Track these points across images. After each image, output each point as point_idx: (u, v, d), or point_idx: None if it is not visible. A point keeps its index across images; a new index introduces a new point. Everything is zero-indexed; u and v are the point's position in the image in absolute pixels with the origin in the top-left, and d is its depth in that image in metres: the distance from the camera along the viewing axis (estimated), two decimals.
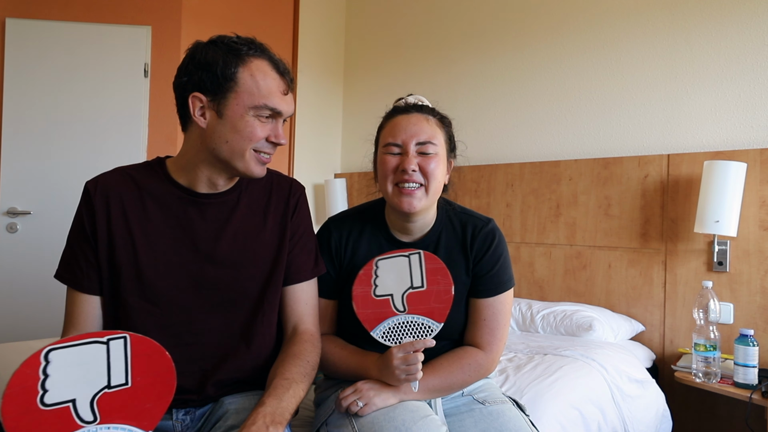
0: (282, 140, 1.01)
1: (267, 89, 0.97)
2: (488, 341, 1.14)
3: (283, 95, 0.99)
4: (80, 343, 0.72)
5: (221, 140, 0.98)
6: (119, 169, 1.07)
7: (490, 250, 1.16)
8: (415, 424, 0.95)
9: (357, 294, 1.05)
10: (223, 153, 0.99)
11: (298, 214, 1.13)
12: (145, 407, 0.75)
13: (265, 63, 0.98)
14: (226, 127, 0.97)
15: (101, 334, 0.74)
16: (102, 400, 0.73)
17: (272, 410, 0.88)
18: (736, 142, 2.15)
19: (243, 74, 0.96)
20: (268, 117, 0.99)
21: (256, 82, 0.96)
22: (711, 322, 1.79)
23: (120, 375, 0.73)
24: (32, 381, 0.69)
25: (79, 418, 0.71)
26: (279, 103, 0.99)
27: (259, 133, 0.98)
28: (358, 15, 3.67)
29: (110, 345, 0.74)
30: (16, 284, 2.73)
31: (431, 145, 1.10)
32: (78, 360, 0.72)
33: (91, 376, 0.72)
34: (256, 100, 0.96)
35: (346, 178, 3.50)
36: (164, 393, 0.75)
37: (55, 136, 2.77)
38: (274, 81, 0.98)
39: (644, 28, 2.40)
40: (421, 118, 1.13)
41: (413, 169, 1.08)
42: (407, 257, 1.05)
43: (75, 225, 1.03)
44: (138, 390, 0.74)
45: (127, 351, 0.74)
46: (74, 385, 0.71)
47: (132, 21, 2.85)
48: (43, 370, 0.70)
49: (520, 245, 2.67)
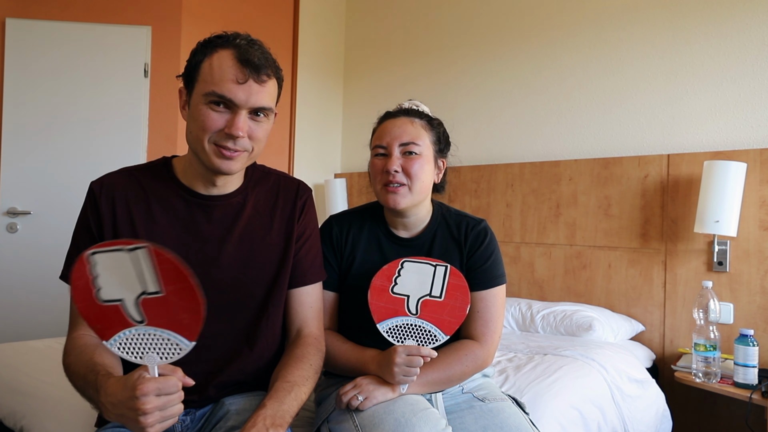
0: (236, 132, 0.93)
1: (219, 76, 0.93)
2: (483, 333, 1.18)
3: (236, 83, 0.92)
4: (112, 249, 0.78)
5: (188, 132, 0.98)
6: (124, 170, 1.06)
7: (482, 246, 1.21)
8: (415, 416, 0.97)
9: (375, 285, 1.09)
10: (191, 146, 0.99)
11: (305, 217, 1.12)
12: (182, 318, 0.79)
13: (228, 52, 0.94)
14: (190, 119, 0.97)
15: (128, 243, 0.78)
16: (144, 304, 0.79)
17: (273, 413, 0.88)
18: (736, 142, 2.15)
19: (205, 64, 0.95)
20: (221, 106, 0.93)
21: (212, 69, 0.93)
22: (711, 322, 1.79)
23: (153, 283, 0.78)
24: (86, 278, 0.78)
25: (131, 317, 0.79)
26: (230, 90, 0.92)
27: (210, 123, 0.93)
28: (358, 15, 3.67)
29: (136, 254, 0.78)
30: (16, 284, 2.73)
31: (414, 146, 1.17)
32: (115, 264, 0.78)
33: (129, 280, 0.78)
34: (206, 87, 0.93)
35: (346, 178, 3.50)
36: (193, 305, 0.78)
37: (55, 136, 2.78)
38: (230, 69, 0.93)
39: (644, 28, 2.40)
40: (406, 121, 1.19)
41: (395, 169, 1.15)
42: (434, 267, 1.10)
43: (80, 225, 1.02)
44: (170, 299, 0.78)
45: (152, 260, 0.78)
46: (119, 286, 0.78)
47: (132, 21, 2.85)
48: (91, 270, 0.78)
49: (520, 245, 2.67)
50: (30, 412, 1.28)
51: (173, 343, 0.79)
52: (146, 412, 0.74)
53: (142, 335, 0.79)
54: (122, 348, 0.80)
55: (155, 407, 0.75)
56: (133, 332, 0.80)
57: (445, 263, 1.11)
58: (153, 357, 0.80)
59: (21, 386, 1.42)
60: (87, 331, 0.98)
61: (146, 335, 0.79)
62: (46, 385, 1.41)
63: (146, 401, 0.74)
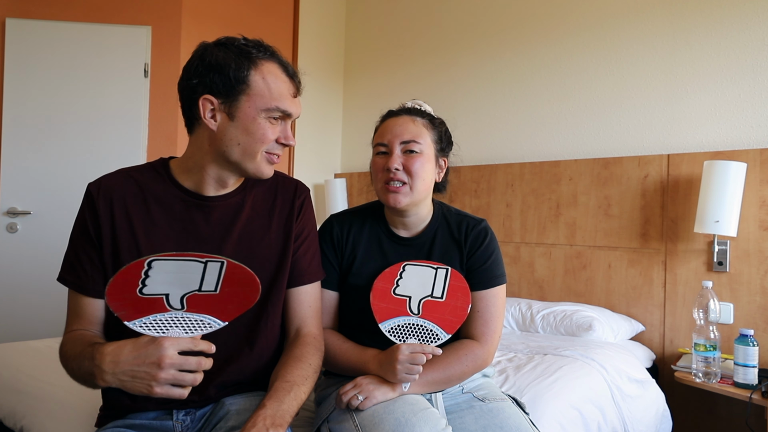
0: (291, 141, 1.03)
1: (278, 92, 0.99)
2: (483, 332, 1.17)
3: (292, 98, 1.02)
4: (181, 259, 0.82)
5: (233, 142, 0.99)
6: (122, 171, 1.06)
7: (482, 246, 1.21)
8: (415, 416, 0.97)
9: (377, 287, 1.11)
10: (234, 155, 0.99)
11: (303, 216, 1.13)
12: (227, 307, 0.84)
13: (275, 66, 1.00)
14: (238, 130, 0.98)
15: (201, 256, 0.83)
16: (191, 298, 0.83)
17: (272, 413, 0.88)
18: (736, 142, 2.15)
19: (255, 77, 0.97)
20: (277, 119, 1.01)
21: (268, 84, 0.98)
22: (711, 322, 1.79)
23: (211, 285, 0.83)
24: (135, 277, 0.81)
25: (170, 306, 0.83)
26: (290, 105, 1.01)
27: (271, 135, 1.00)
28: (358, 15, 3.67)
29: (207, 266, 0.83)
30: (16, 284, 2.73)
31: (415, 144, 1.17)
32: (176, 269, 0.82)
33: (186, 281, 0.82)
34: (268, 103, 0.98)
35: (346, 178, 3.50)
36: (247, 301, 0.84)
37: (55, 136, 2.78)
38: (284, 84, 1.00)
39: (644, 28, 2.40)
40: (407, 120, 1.19)
41: (396, 167, 1.15)
42: (435, 269, 1.12)
43: (77, 227, 1.02)
44: (224, 296, 0.83)
45: (221, 272, 0.83)
46: (170, 284, 0.82)
47: (132, 21, 2.85)
48: (144, 273, 0.81)
49: (520, 245, 2.67)
50: (30, 412, 1.28)
51: (205, 324, 0.83)
52: (164, 367, 0.78)
53: (169, 319, 0.82)
54: (145, 326, 0.82)
55: (173, 364, 0.79)
56: (165, 316, 0.82)
57: (446, 266, 1.12)
58: (177, 332, 0.82)
59: (21, 386, 1.42)
60: (84, 327, 0.99)
61: (173, 318, 0.82)
62: (46, 385, 1.41)
63: (167, 355, 0.78)
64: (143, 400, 0.99)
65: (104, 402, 1.05)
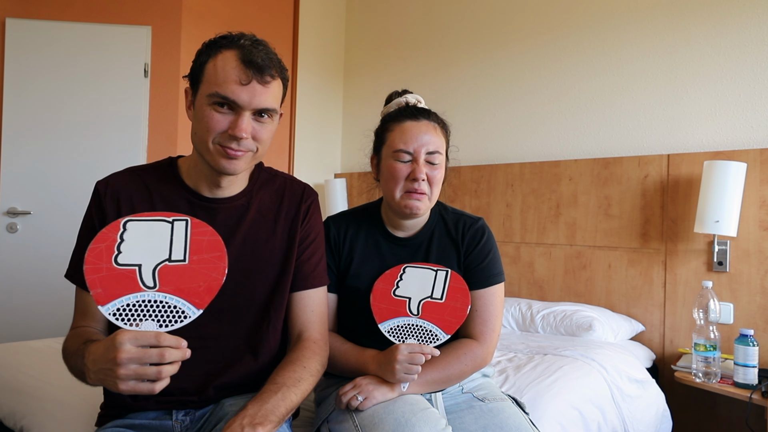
0: (239, 134, 0.93)
1: (223, 77, 0.93)
2: (482, 331, 1.18)
3: (240, 84, 0.93)
4: (151, 219, 0.83)
5: (193, 133, 0.99)
6: (130, 170, 1.06)
7: (480, 244, 1.21)
8: (415, 416, 0.97)
9: (377, 288, 1.12)
10: (196, 147, 0.99)
11: (309, 221, 1.11)
12: (198, 286, 0.82)
13: (231, 53, 0.94)
14: (195, 120, 0.98)
15: (168, 215, 0.84)
16: (162, 271, 0.82)
17: (253, 413, 0.87)
18: (735, 142, 2.15)
19: (209, 65, 0.95)
20: (225, 107, 0.94)
21: (216, 70, 0.94)
22: (711, 322, 1.79)
23: (179, 251, 0.83)
24: (111, 241, 0.81)
25: (143, 283, 0.81)
26: (233, 91, 0.92)
27: (214, 125, 0.93)
28: (358, 15, 3.67)
29: (174, 225, 0.83)
30: (16, 284, 2.72)
31: (438, 155, 1.16)
32: (147, 232, 0.82)
33: (156, 248, 0.82)
34: (210, 88, 0.93)
35: (346, 178, 3.50)
36: (213, 274, 0.83)
37: (55, 136, 2.77)
38: (234, 70, 0.93)
39: (644, 28, 2.40)
40: (430, 127, 1.17)
41: (423, 178, 1.13)
42: (435, 272, 1.13)
43: (85, 225, 1.02)
44: (193, 267, 0.83)
45: (187, 232, 0.83)
46: (142, 252, 0.82)
47: (132, 21, 2.85)
48: (120, 235, 0.81)
49: (520, 245, 2.67)
50: (30, 412, 1.28)
51: (178, 311, 0.80)
52: (120, 363, 0.72)
53: (144, 302, 0.79)
54: (119, 315, 0.77)
55: (130, 359, 0.73)
56: (137, 297, 0.79)
57: (446, 268, 1.12)
58: (150, 324, 0.78)
59: (21, 386, 1.42)
60: (88, 324, 0.99)
61: (148, 303, 0.80)
62: (46, 385, 1.41)
63: (122, 350, 0.72)
64: (143, 399, 1.00)
65: (106, 400, 1.05)
